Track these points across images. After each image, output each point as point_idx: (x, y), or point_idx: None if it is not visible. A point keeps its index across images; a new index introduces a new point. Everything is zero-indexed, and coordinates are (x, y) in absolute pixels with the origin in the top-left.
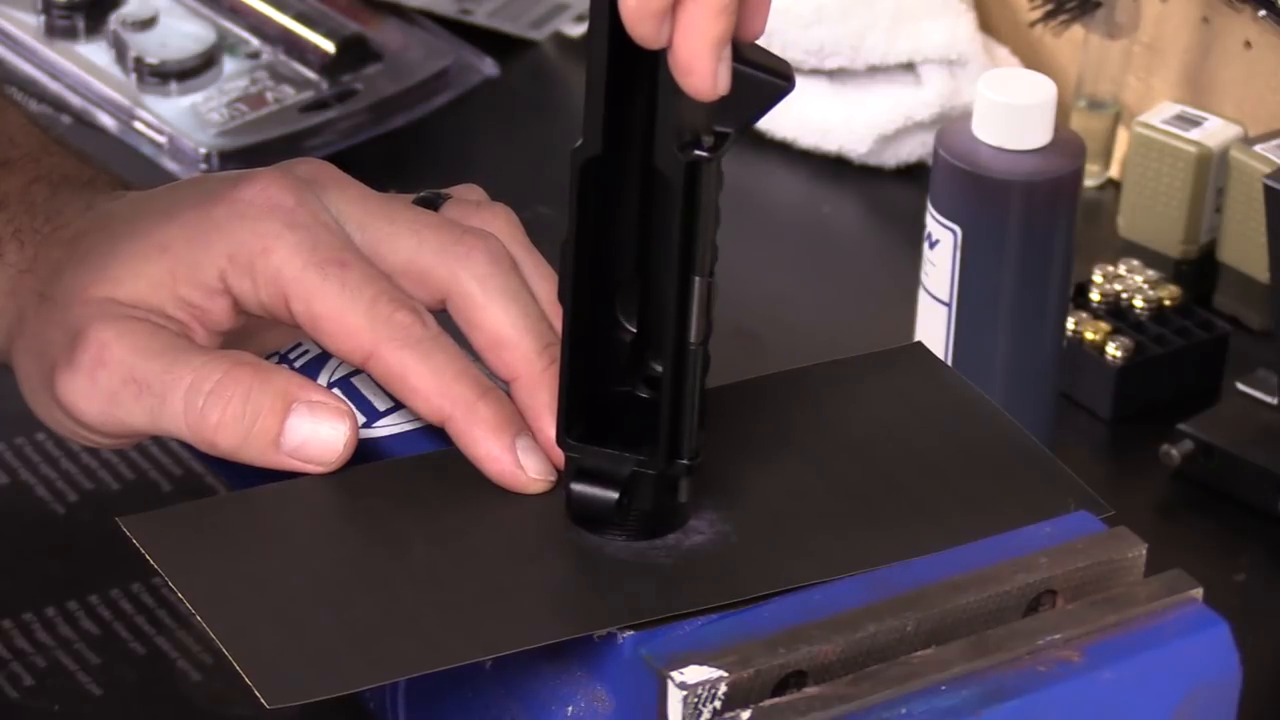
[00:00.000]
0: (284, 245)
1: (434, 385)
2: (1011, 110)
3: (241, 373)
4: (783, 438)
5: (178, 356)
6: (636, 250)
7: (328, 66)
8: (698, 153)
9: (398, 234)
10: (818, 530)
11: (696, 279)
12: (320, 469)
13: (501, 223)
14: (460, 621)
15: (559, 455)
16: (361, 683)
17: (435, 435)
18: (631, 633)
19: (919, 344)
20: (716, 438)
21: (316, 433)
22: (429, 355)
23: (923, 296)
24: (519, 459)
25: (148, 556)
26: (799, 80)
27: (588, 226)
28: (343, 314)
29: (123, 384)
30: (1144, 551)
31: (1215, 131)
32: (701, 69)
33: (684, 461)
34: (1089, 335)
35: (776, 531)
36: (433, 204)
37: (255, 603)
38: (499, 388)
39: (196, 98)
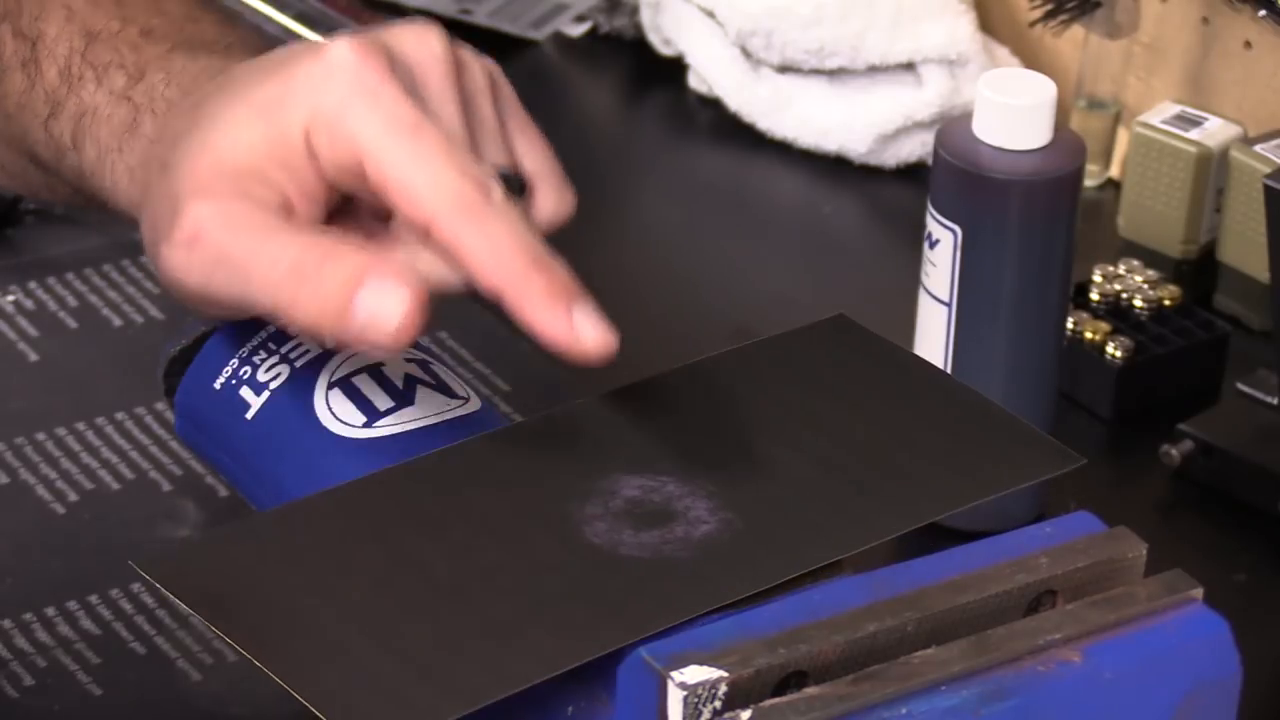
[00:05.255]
0: (362, 108)
1: (486, 258)
2: (1011, 110)
3: (315, 252)
4: (747, 418)
5: (265, 235)
6: None
7: None
8: None
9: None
10: (819, 508)
11: None
12: (384, 348)
13: None
14: (512, 642)
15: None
16: (438, 716)
17: (435, 435)
18: None
19: (842, 315)
20: (684, 422)
21: (380, 308)
22: (484, 225)
23: (923, 296)
24: (575, 328)
25: (179, 601)
26: (799, 80)
27: None
28: (408, 179)
29: (215, 262)
30: (1144, 552)
31: (1215, 131)
32: None
33: None
34: (1089, 335)
35: (780, 514)
36: None
37: (302, 639)
38: (558, 260)
39: None
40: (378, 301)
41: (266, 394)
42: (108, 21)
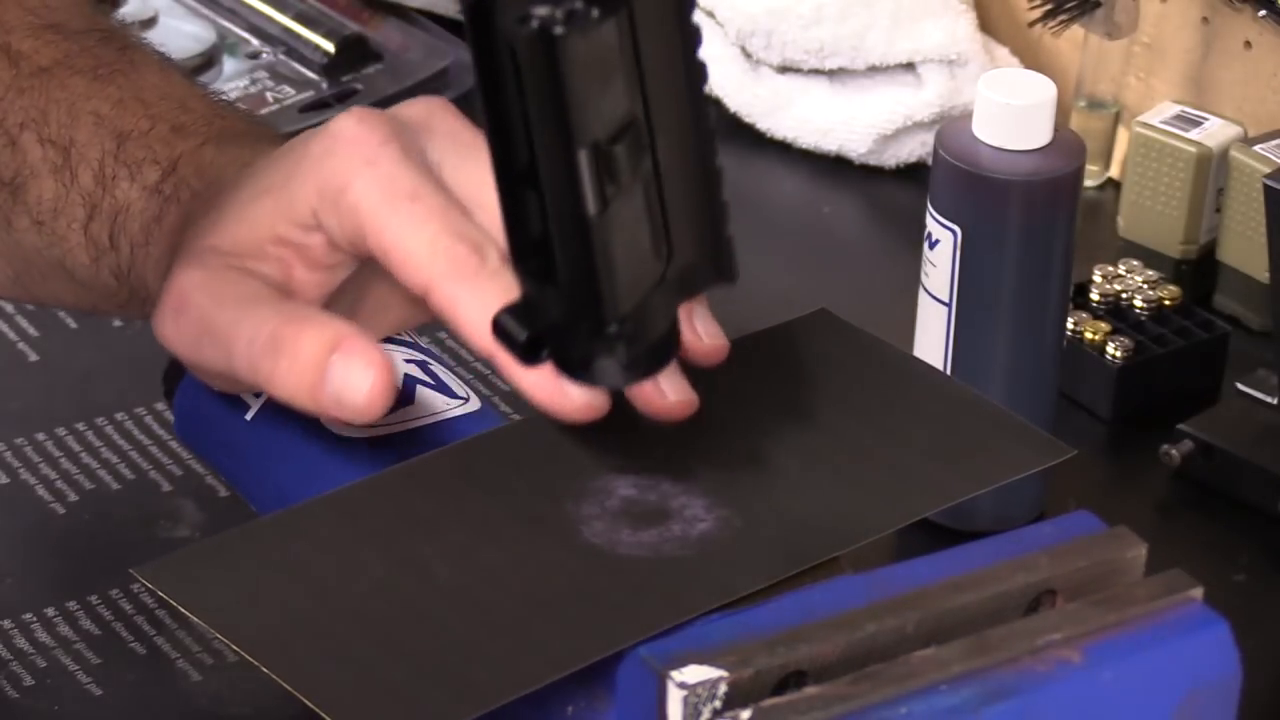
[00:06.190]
0: (363, 179)
1: (479, 322)
2: (1011, 110)
3: (290, 327)
4: (737, 414)
5: (248, 307)
6: None
7: (328, 66)
8: None
9: (490, 182)
10: (815, 504)
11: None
12: (356, 418)
13: None
14: (517, 644)
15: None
16: (453, 718)
17: (435, 435)
18: None
19: (824, 310)
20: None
21: (348, 381)
22: (480, 290)
23: (923, 296)
24: (562, 387)
25: (179, 606)
26: (799, 80)
27: None
28: (405, 246)
29: (200, 333)
30: (1144, 551)
31: (1215, 131)
32: None
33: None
34: (1089, 335)
35: (776, 511)
36: None
37: (307, 644)
38: None
39: None
40: (347, 371)
41: (266, 394)
42: (137, 121)
